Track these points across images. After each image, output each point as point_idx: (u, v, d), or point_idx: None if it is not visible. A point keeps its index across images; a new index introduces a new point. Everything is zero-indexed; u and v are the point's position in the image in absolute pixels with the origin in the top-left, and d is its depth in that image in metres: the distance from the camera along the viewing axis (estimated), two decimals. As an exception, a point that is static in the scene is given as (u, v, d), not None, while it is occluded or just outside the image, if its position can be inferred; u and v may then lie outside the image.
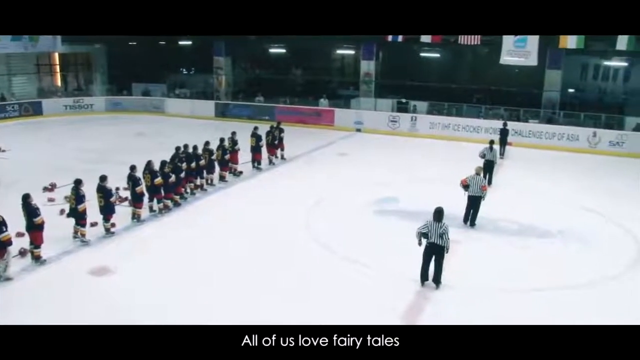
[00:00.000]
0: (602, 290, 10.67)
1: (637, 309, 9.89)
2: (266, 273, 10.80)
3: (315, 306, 9.52)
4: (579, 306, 9.93)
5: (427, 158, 22.28)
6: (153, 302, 9.47)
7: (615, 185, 18.67)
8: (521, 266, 11.61)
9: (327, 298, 9.87)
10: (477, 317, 9.27)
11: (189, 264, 11.14)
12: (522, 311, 9.61)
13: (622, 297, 10.42)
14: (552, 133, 25.68)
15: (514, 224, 14.20)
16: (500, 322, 9.00)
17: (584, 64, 31.86)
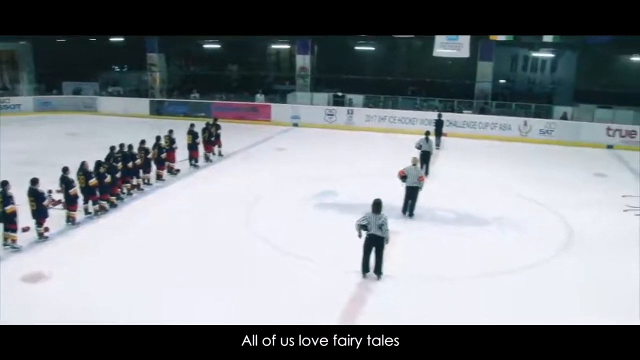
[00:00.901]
0: (535, 274, 11.04)
1: (567, 291, 10.30)
2: (210, 272, 10.69)
3: (260, 302, 9.48)
4: (516, 290, 10.25)
5: (364, 151, 22.55)
6: (91, 306, 9.23)
7: (547, 173, 19.42)
8: (459, 254, 11.90)
9: (272, 293, 9.84)
10: (418, 305, 9.48)
11: (128, 267, 10.89)
12: (462, 298, 9.86)
13: (554, 280, 10.82)
14: (485, 123, 26.48)
15: (451, 213, 14.55)
16: (442, 310, 9.29)
17: (513, 55, 32.94)
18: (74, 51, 32.03)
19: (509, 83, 32.54)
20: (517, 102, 28.03)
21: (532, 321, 8.94)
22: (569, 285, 10.59)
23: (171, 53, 33.47)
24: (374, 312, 9.29)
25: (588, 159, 22.27)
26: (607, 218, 14.60)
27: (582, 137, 25.28)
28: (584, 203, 15.72)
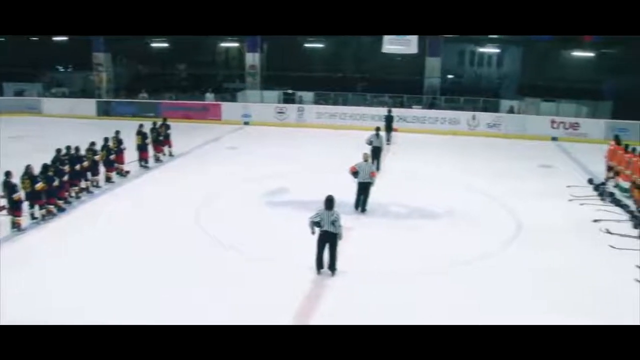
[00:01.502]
0: (487, 266, 11.28)
1: (519, 281, 10.57)
2: (162, 273, 10.54)
3: (214, 301, 9.43)
4: (469, 283, 10.46)
5: (315, 147, 22.64)
6: (42, 316, 9.00)
7: (495, 165, 19.91)
8: (412, 248, 12.05)
9: (225, 293, 9.78)
10: (373, 300, 9.57)
11: (78, 272, 10.65)
12: (417, 291, 9.99)
13: (506, 271, 11.07)
14: (434, 118, 26.92)
15: (403, 208, 14.75)
16: (397, 305, 9.41)
17: (461, 51, 33.57)
18: (14, 51, 31.08)
19: (457, 78, 33.17)
20: (465, 97, 28.59)
21: (486, 313, 9.20)
22: (520, 275, 10.85)
23: (118, 52, 32.81)
24: (330, 309, 9.33)
25: (534, 151, 22.88)
26: (553, 208, 15.03)
27: (528, 129, 25.99)
28: (532, 194, 16.16)
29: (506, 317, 8.93)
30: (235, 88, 31.83)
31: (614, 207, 15.24)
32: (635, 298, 9.97)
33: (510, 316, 9.04)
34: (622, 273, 10.95)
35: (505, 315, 9.11)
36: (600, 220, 13.93)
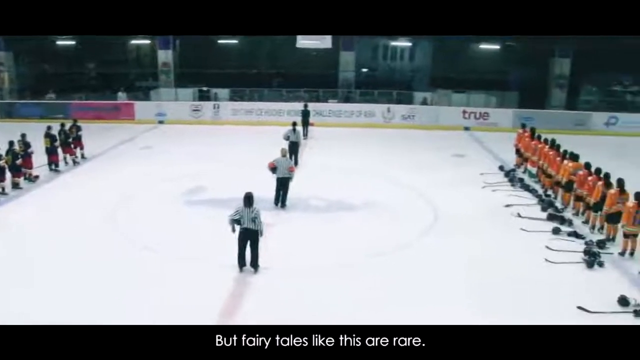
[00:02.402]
0: (408, 255, 11.52)
1: (440, 268, 10.85)
2: (80, 278, 10.10)
3: (136, 303, 9.13)
4: (390, 273, 10.63)
5: (232, 144, 22.38)
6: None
7: (411, 156, 20.37)
8: (333, 241, 12.12)
9: (146, 294, 9.50)
10: (298, 296, 9.56)
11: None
12: (340, 284, 10.05)
13: (426, 259, 11.34)
14: (350, 111, 27.24)
15: (322, 201, 14.82)
16: (321, 299, 9.43)
17: (374, 45, 34.07)
18: None
19: (371, 72, 33.66)
20: (380, 90, 29.10)
21: (407, 304, 9.39)
22: (441, 262, 11.14)
23: (20, 51, 31.16)
24: (254, 307, 9.25)
25: (447, 141, 23.54)
26: (468, 195, 15.52)
27: (441, 120, 26.78)
28: (447, 183, 16.62)
29: (422, 307, 9.18)
30: (149, 86, 30.97)
31: (523, 192, 15.95)
32: (545, 277, 10.54)
33: (425, 305, 9.29)
34: (533, 254, 11.50)
35: (421, 304, 9.35)
36: (512, 205, 14.53)
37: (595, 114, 27.61)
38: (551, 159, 15.51)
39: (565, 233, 12.66)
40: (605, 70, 28.72)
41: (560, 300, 9.52)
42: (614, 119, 27.15)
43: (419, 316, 8.43)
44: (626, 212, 11.44)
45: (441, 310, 8.99)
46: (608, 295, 9.57)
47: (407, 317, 8.30)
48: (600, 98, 30.16)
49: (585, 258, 11.16)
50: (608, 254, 11.55)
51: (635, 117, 27.46)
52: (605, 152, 20.18)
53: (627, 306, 9.25)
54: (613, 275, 10.76)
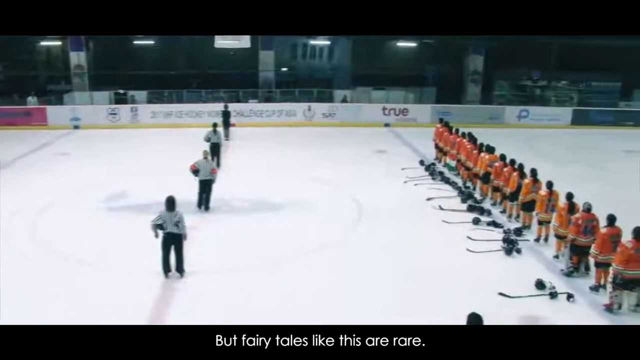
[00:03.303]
0: (334, 252, 11.65)
1: (368, 263, 11.04)
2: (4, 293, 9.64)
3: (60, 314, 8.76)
4: (319, 270, 10.74)
5: (152, 148, 21.90)
6: None
7: (333, 153, 20.56)
8: (259, 241, 12.07)
9: (72, 304, 9.13)
10: (226, 297, 9.46)
11: None
12: (267, 284, 10.05)
13: (354, 255, 11.52)
14: (271, 111, 27.23)
15: (247, 202, 14.75)
16: (249, 298, 9.38)
17: (293, 44, 34.11)
18: None
19: (291, 70, 33.69)
20: (300, 89, 29.23)
21: (337, 298, 9.49)
22: (367, 256, 11.36)
23: None
24: (182, 312, 9.09)
25: (369, 138, 23.94)
26: (390, 191, 15.85)
27: (362, 117, 27.20)
28: (370, 179, 16.92)
29: (351, 301, 9.31)
30: (61, 90, 29.75)
31: (444, 184, 16.45)
32: (467, 265, 10.97)
33: (353, 299, 9.43)
34: (455, 244, 11.91)
35: (349, 298, 9.48)
36: (433, 198, 14.95)
37: (508, 107, 28.94)
38: (469, 152, 16.04)
39: (484, 223, 13.15)
40: (516, 66, 30.04)
41: (482, 287, 9.87)
42: (525, 112, 28.52)
43: (349, 310, 8.56)
44: (539, 200, 11.99)
45: (368, 303, 9.18)
46: (526, 280, 10.04)
47: (338, 312, 8.41)
48: (512, 92, 31.51)
49: (504, 246, 11.66)
50: (525, 241, 12.11)
51: (544, 110, 29.05)
52: (518, 143, 21.18)
53: (543, 289, 9.74)
54: (530, 260, 11.29)
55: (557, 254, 11.28)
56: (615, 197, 14.70)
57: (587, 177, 17.53)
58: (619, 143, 23.87)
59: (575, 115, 28.68)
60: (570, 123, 28.37)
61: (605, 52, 25.64)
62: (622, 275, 9.00)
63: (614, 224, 9.66)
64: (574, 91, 30.99)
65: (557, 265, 10.95)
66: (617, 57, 26.87)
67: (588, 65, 28.76)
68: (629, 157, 21.73)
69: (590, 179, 17.04)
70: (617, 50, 25.71)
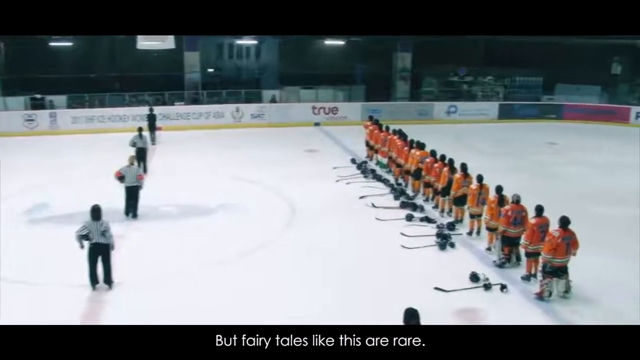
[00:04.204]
0: (268, 253, 11.66)
1: (295, 265, 11.10)
2: None
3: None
4: (253, 272, 10.72)
5: (74, 155, 21.12)
6: None
7: (264, 154, 20.49)
8: (191, 247, 11.91)
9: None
10: (157, 307, 9.29)
11: None
12: (201, 290, 9.95)
13: (287, 255, 11.57)
14: (198, 113, 26.86)
15: (177, 208, 14.50)
16: (182, 306, 9.24)
17: (219, 44, 33.80)
18: None
19: (217, 71, 33.36)
20: (228, 90, 28.96)
21: (274, 299, 9.52)
22: (302, 256, 11.45)
23: None
24: (112, 325, 8.85)
25: (299, 137, 24.01)
26: (323, 190, 15.97)
27: (292, 117, 27.23)
28: (302, 179, 16.97)
29: (289, 300, 9.33)
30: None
31: (376, 182, 16.69)
32: (402, 262, 11.25)
33: (293, 300, 9.46)
34: (389, 241, 12.16)
35: (286, 298, 9.51)
36: (366, 196, 15.15)
37: (437, 104, 29.71)
38: (399, 148, 16.33)
39: (417, 219, 13.45)
40: (443, 62, 30.85)
41: (418, 282, 10.12)
42: (454, 107, 29.38)
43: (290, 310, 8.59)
44: (470, 194, 12.37)
45: (309, 304, 9.25)
46: (461, 273, 10.37)
47: (277, 312, 8.43)
48: (440, 89, 32.36)
49: (438, 241, 11.99)
50: (458, 235, 12.50)
51: (471, 105, 30.06)
52: (448, 139, 21.76)
53: (477, 281, 10.09)
54: (464, 254, 11.67)
55: (489, 246, 11.68)
56: (542, 188, 15.44)
57: (515, 169, 18.27)
58: (543, 136, 24.99)
59: (501, 109, 29.80)
60: (497, 117, 29.45)
61: (527, 48, 26.67)
62: (551, 263, 9.45)
63: (541, 214, 10.12)
64: (499, 86, 32.19)
65: (489, 257, 11.35)
66: (539, 53, 28.03)
67: (512, 61, 29.93)
68: (552, 149, 22.79)
69: (518, 172, 17.77)
70: (539, 46, 26.80)
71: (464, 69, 32.21)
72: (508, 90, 32.12)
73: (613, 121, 28.76)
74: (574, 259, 9.66)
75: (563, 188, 16.46)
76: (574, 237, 9.52)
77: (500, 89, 32.22)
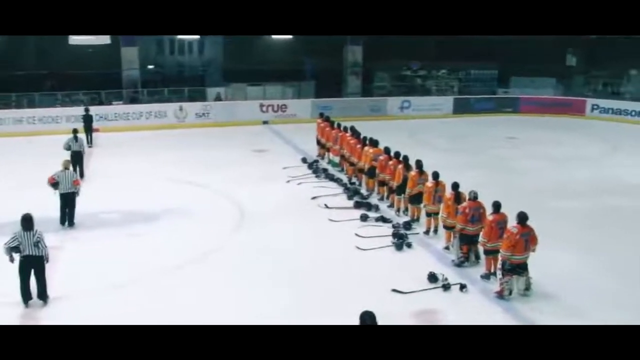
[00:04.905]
0: (217, 259, 11.58)
1: (246, 270, 10.98)
2: None
3: None
4: (203, 279, 10.57)
5: (2, 160, 20.51)
6: None
7: (210, 155, 20.35)
8: (134, 256, 11.68)
9: None
10: (97, 323, 9.08)
11: None
12: (148, 299, 9.77)
13: (240, 260, 11.47)
14: (138, 113, 26.45)
15: (116, 214, 14.23)
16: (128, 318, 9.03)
17: (159, 39, 33.31)
18: None
19: (158, 68, 32.90)
20: (170, 88, 28.63)
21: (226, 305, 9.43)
22: (253, 261, 11.37)
23: None
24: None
25: (247, 137, 23.92)
26: (273, 191, 15.95)
27: (238, 115, 27.13)
28: (250, 180, 16.90)
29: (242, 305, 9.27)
30: None
31: (329, 182, 16.75)
32: (358, 264, 11.31)
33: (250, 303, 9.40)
34: (344, 243, 12.24)
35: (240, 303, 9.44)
36: (318, 197, 15.18)
37: (389, 99, 30.10)
38: (352, 146, 16.42)
39: (372, 219, 13.55)
40: (395, 56, 31.17)
41: (374, 284, 10.19)
42: (407, 102, 29.79)
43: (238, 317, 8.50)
44: (426, 192, 12.52)
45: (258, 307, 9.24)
46: (419, 273, 10.48)
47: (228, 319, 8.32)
48: (392, 84, 32.72)
49: (394, 241, 12.10)
50: (414, 234, 12.64)
51: (425, 100, 30.55)
52: (402, 135, 22.03)
53: (436, 282, 10.23)
54: (421, 254, 11.82)
55: (447, 245, 11.84)
56: (500, 183, 15.80)
57: (471, 165, 18.62)
58: (500, 130, 25.59)
59: (456, 104, 30.40)
60: (452, 112, 30.00)
61: (481, 40, 27.17)
62: (510, 260, 9.64)
63: (499, 210, 10.32)
64: (453, 80, 32.76)
65: (448, 257, 11.51)
66: (493, 46, 28.60)
67: (466, 53, 30.45)
68: (509, 143, 23.32)
69: (475, 167, 18.12)
70: (493, 39, 27.29)
71: (417, 62, 32.65)
72: (463, 84, 32.74)
73: (569, 113, 29.66)
74: (534, 255, 9.88)
75: (521, 183, 16.87)
76: (532, 233, 9.74)
77: (454, 82, 32.84)
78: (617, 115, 28.99)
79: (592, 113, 29.65)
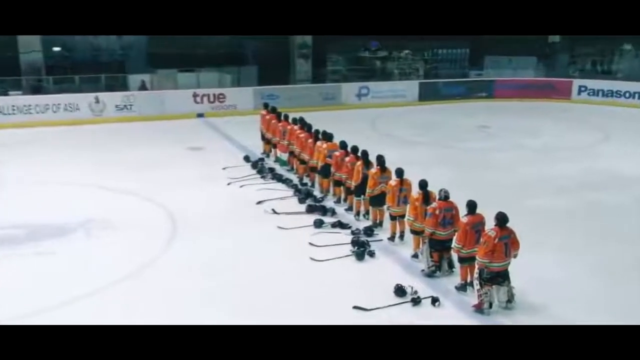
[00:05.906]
0: (149, 274, 11.49)
1: (184, 282, 10.94)
2: None
3: None
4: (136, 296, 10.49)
5: None
6: None
7: (136, 155, 20.12)
8: (40, 280, 11.40)
9: None
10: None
11: None
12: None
13: (176, 273, 11.44)
14: (44, 105, 25.75)
15: (23, 229, 13.94)
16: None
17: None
18: None
19: (66, 52, 32.31)
20: (82, 75, 28.12)
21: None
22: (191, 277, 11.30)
23: None
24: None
25: (179, 133, 23.79)
26: (211, 195, 15.93)
27: (168, 107, 26.92)
28: (184, 183, 16.82)
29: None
30: None
31: (276, 183, 16.77)
32: (313, 277, 11.37)
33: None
34: (296, 253, 12.26)
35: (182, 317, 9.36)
36: (264, 201, 15.17)
37: (345, 85, 30.23)
38: (303, 141, 16.47)
39: (328, 225, 13.62)
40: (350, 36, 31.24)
41: (334, 301, 10.23)
42: (365, 89, 29.98)
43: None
44: (389, 192, 12.58)
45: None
46: (384, 286, 10.55)
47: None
48: (348, 67, 32.84)
49: (354, 250, 12.17)
50: (377, 241, 12.73)
51: (387, 86, 30.72)
52: (360, 127, 22.20)
53: (404, 296, 10.29)
54: (386, 263, 11.89)
55: (415, 253, 11.94)
56: (474, 180, 16.06)
57: (441, 160, 18.88)
58: (473, 118, 26.00)
59: (422, 89, 30.71)
60: (418, 99, 30.34)
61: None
62: (489, 268, 9.72)
63: (475, 211, 10.43)
64: (418, 61, 33.04)
65: (417, 266, 11.62)
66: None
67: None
68: (483, 133, 23.69)
69: (445, 162, 18.38)
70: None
71: (376, 42, 32.83)
72: (429, 66, 33.08)
73: (552, 97, 30.31)
74: (515, 262, 10.02)
75: (498, 179, 17.16)
76: (513, 236, 9.88)
77: (419, 64, 33.13)
78: (608, 97, 29.73)
79: (579, 96, 30.28)
